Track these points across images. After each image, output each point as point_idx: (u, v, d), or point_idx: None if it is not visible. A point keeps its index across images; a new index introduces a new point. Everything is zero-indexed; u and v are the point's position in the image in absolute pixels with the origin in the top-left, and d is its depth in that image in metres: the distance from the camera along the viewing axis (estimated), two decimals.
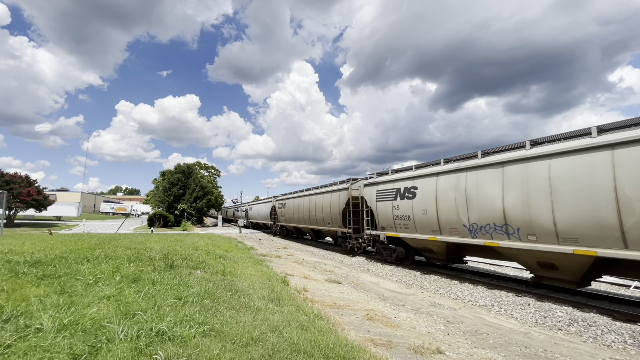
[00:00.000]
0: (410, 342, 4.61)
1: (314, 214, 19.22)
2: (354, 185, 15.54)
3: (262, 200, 35.84)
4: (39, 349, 2.95)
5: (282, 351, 3.40)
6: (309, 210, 19.92)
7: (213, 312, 4.44)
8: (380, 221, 12.77)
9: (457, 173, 9.42)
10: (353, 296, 7.64)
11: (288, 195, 24.78)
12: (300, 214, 21.54)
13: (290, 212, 23.53)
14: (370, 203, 13.45)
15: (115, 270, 6.58)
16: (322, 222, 18.40)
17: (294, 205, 22.78)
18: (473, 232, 8.82)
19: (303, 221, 21.21)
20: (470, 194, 8.82)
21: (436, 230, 10.00)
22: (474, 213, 8.71)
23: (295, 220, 22.85)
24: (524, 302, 7.48)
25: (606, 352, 5.00)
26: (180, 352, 3.10)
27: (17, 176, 30.12)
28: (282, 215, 25.65)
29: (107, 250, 9.39)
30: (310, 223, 20.11)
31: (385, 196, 12.55)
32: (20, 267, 6.36)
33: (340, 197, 16.34)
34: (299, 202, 21.82)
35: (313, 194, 19.81)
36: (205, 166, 55.21)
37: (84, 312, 3.96)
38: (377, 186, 13.13)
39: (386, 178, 12.76)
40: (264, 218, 32.11)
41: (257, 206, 36.81)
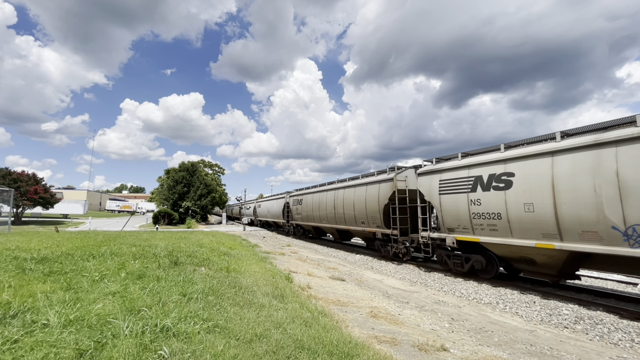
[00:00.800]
0: (415, 340, 4.59)
1: (341, 212, 16.39)
2: (399, 174, 12.59)
3: (273, 197, 32.60)
4: (45, 344, 2.98)
5: (286, 347, 3.40)
6: (334, 207, 17.14)
7: (217, 308, 4.46)
8: (446, 220, 9.92)
9: (596, 149, 6.54)
10: (357, 293, 7.63)
11: (305, 191, 22.31)
12: (321, 211, 18.79)
13: (308, 209, 20.80)
14: (429, 196, 10.59)
15: (121, 267, 6.63)
16: (352, 222, 15.50)
17: (313, 201, 20.04)
18: (634, 239, 5.97)
19: (326, 220, 18.39)
20: (629, 179, 6.00)
21: (552, 235, 7.18)
22: (637, 209, 5.90)
23: (314, 219, 20.05)
24: (529, 300, 7.42)
25: (613, 350, 4.94)
26: (185, 348, 3.11)
27: (25, 174, 30.49)
28: (297, 212, 22.96)
29: (112, 247, 9.46)
30: (335, 222, 17.27)
31: (454, 187, 9.58)
32: (27, 263, 6.44)
33: (380, 191, 13.18)
34: (320, 198, 19.07)
35: (340, 188, 16.92)
36: (209, 164, 55.38)
37: (89, 308, 3.99)
38: (441, 174, 10.13)
39: (455, 163, 9.74)
40: (275, 216, 29.64)
41: (267, 203, 33.81)
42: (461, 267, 10.00)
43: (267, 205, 33.30)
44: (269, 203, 32.67)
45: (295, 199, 23.47)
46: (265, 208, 34.03)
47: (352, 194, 15.47)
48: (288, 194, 26.00)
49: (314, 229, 21.54)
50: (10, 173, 29.49)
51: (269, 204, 32.57)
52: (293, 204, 23.95)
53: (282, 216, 26.87)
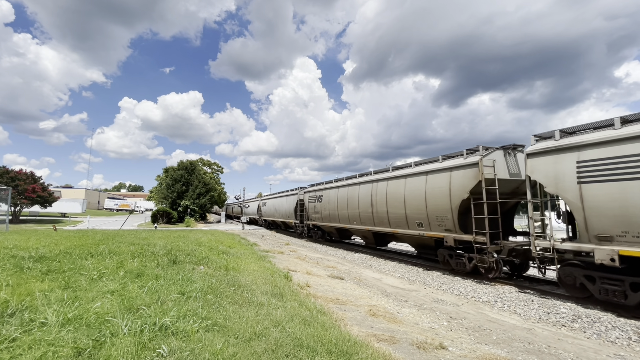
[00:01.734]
0: (413, 338, 4.60)
1: (382, 210, 12.90)
2: (487, 157, 9.11)
3: (281, 194, 28.69)
4: (43, 343, 2.97)
5: (285, 346, 3.40)
6: (371, 205, 13.71)
7: (216, 307, 4.46)
8: (595, 223, 6.56)
9: None
10: (356, 292, 7.64)
11: (326, 185, 19.10)
12: (351, 209, 15.54)
13: (331, 207, 17.67)
14: (556, 187, 7.29)
15: (119, 266, 6.62)
16: (400, 223, 11.90)
17: (339, 197, 16.83)
18: None
19: (357, 220, 14.98)
20: None
21: None
22: None
23: (339, 219, 16.83)
24: (527, 298, 7.45)
25: (610, 348, 4.97)
26: (184, 347, 3.11)
27: (22, 173, 30.36)
28: (315, 211, 19.88)
29: (111, 246, 9.44)
30: (372, 223, 13.80)
31: (613, 170, 6.30)
32: (25, 262, 6.41)
33: (454, 181, 9.68)
34: (349, 193, 15.88)
35: (381, 180, 13.32)
36: (208, 163, 55.34)
37: (88, 306, 3.98)
38: (581, 152, 6.87)
39: (610, 134, 6.49)
40: (285, 215, 26.31)
41: (274, 201, 29.94)
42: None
43: (274, 203, 29.77)
44: (276, 201, 29.09)
45: (313, 196, 20.23)
46: (271, 206, 30.58)
47: (402, 186, 11.81)
48: (301, 190, 22.89)
49: (338, 231, 18.02)
50: (7, 171, 29.35)
51: (276, 201, 29.06)
52: (309, 201, 20.66)
53: (293, 215, 23.78)
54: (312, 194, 20.57)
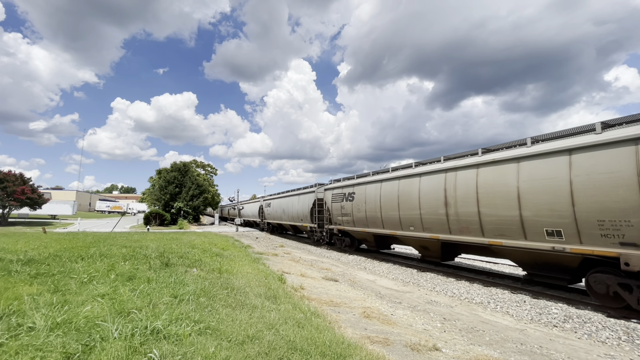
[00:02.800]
0: (407, 340, 4.61)
1: (469, 211, 9.04)
2: None
3: (291, 192, 24.07)
4: (31, 348, 2.91)
5: (278, 349, 3.38)
6: (446, 204, 9.76)
7: (209, 310, 4.41)
8: None
9: None
10: (350, 294, 7.64)
11: (361, 180, 14.73)
12: (405, 210, 11.50)
13: (370, 207, 13.54)
14: None
15: (110, 269, 6.53)
16: (509, 230, 8.13)
17: (385, 194, 12.62)
18: None
19: (416, 224, 11.07)
20: None
21: None
22: None
23: (384, 223, 12.67)
24: (519, 300, 7.52)
25: (601, 348, 5.04)
26: (176, 351, 3.07)
27: (11, 174, 29.79)
28: (343, 213, 15.67)
29: (102, 248, 9.31)
30: (446, 229, 9.92)
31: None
32: (13, 265, 6.29)
33: None
34: (402, 189, 11.73)
35: (465, 167, 9.40)
36: (201, 164, 54.90)
37: (77, 310, 3.91)
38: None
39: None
40: (296, 218, 21.88)
41: (280, 201, 25.55)
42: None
43: (281, 204, 25.38)
44: (284, 201, 24.72)
45: (339, 194, 16.36)
46: (277, 208, 26.25)
47: (513, 175, 8.03)
48: (320, 187, 19.16)
49: (377, 239, 13.98)
50: None
51: (284, 202, 24.71)
52: (334, 200, 16.77)
53: (308, 218, 19.68)
54: (338, 192, 16.40)
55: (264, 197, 33.08)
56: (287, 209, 23.99)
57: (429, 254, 11.53)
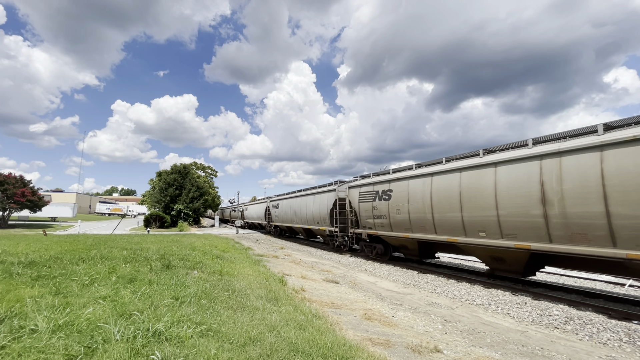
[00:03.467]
0: (408, 341, 4.61)
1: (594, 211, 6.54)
2: None
3: (305, 192, 21.66)
4: (33, 350, 2.91)
5: (280, 351, 3.38)
6: (543, 201, 7.35)
7: (210, 312, 4.42)
8: None
9: None
10: (351, 296, 7.63)
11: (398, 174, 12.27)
12: (470, 211, 9.05)
13: (414, 207, 11.09)
14: None
15: (112, 271, 6.53)
16: None
17: (438, 191, 10.16)
18: None
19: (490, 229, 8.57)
20: None
21: None
22: None
23: (437, 227, 10.22)
24: (520, 301, 7.51)
25: (602, 349, 5.03)
26: (178, 353, 3.08)
27: (11, 177, 29.83)
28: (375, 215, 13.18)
29: (102, 251, 9.31)
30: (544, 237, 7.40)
31: None
32: (14, 268, 6.29)
33: None
34: (465, 184, 9.27)
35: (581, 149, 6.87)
36: (201, 166, 55.00)
37: (79, 312, 3.92)
38: None
39: None
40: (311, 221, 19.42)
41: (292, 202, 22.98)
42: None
43: (293, 205, 22.64)
44: (296, 201, 21.96)
45: (369, 192, 13.58)
46: (288, 209, 23.52)
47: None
48: (342, 185, 16.49)
49: (422, 246, 11.61)
50: None
51: (296, 202, 21.95)
52: (362, 199, 14.05)
53: (327, 221, 17.16)
54: (368, 189, 13.75)
55: (270, 197, 30.05)
56: (299, 211, 21.49)
57: (505, 268, 8.84)
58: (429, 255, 12.19)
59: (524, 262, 8.20)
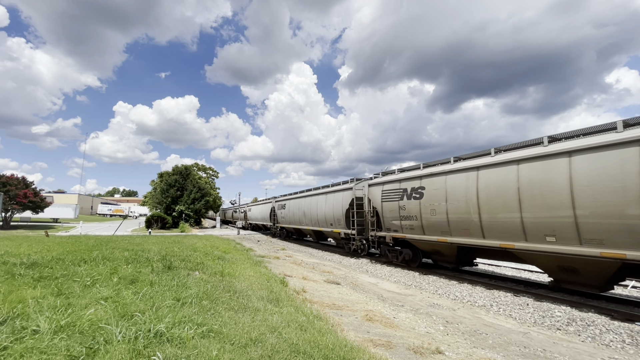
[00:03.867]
0: (410, 343, 4.60)
1: None
2: None
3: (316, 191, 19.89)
4: (35, 351, 2.92)
5: (281, 352, 3.38)
6: None
7: (212, 313, 4.42)
8: None
9: None
10: (352, 297, 7.62)
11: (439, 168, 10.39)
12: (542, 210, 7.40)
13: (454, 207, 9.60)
14: None
15: (113, 272, 6.54)
16: None
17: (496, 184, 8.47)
18: None
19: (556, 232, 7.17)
20: None
21: None
22: None
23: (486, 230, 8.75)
24: (522, 302, 7.49)
25: (605, 351, 5.01)
26: (179, 354, 3.08)
27: (14, 178, 29.94)
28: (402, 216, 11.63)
29: (104, 252, 9.33)
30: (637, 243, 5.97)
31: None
32: (16, 268, 6.31)
33: None
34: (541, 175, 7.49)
35: None
36: (203, 167, 55.16)
37: (81, 313, 3.92)
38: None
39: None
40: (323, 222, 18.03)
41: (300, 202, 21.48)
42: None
43: (302, 205, 21.06)
44: (306, 201, 20.33)
45: (394, 190, 12.05)
46: (296, 210, 22.03)
47: None
48: (359, 183, 15.09)
49: (463, 252, 10.00)
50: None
51: (306, 202, 20.35)
52: (386, 198, 12.39)
53: (343, 222, 15.69)
54: (393, 187, 12.20)
55: (276, 197, 28.14)
56: (309, 211, 19.92)
57: (578, 280, 7.36)
58: (467, 262, 10.76)
59: (610, 274, 6.64)
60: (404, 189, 11.70)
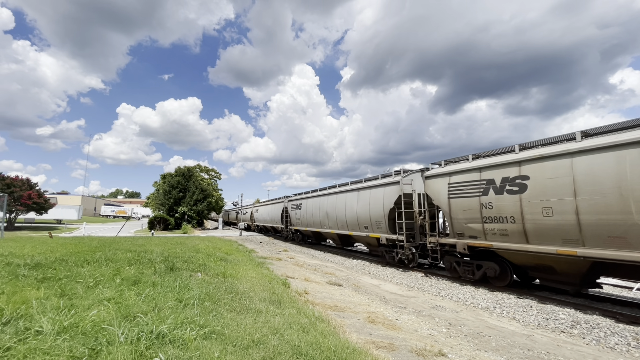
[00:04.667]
0: (412, 345, 4.58)
1: None
2: None
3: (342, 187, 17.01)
4: (38, 352, 2.93)
5: (283, 354, 3.37)
6: None
7: (214, 314, 4.42)
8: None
9: None
10: (354, 299, 7.60)
11: (581, 145, 6.88)
12: None
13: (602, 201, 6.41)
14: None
15: (116, 273, 6.56)
16: None
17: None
18: None
19: None
20: None
21: None
22: None
23: None
24: (526, 305, 7.43)
25: (610, 354, 4.96)
26: (181, 355, 3.08)
27: (18, 179, 30.20)
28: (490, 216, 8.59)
29: (107, 253, 9.36)
30: None
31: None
32: (20, 269, 6.34)
33: None
34: None
35: None
36: (205, 169, 55.31)
37: (84, 314, 3.94)
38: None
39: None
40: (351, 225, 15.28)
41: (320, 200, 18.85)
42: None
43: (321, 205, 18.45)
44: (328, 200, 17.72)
45: (469, 183, 9.19)
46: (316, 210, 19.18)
47: None
48: (407, 176, 12.29)
49: (597, 267, 7.14)
50: (3, 178, 29.19)
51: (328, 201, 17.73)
52: (455, 193, 9.57)
53: (384, 226, 12.78)
54: (467, 178, 9.28)
55: (288, 197, 25.24)
56: (334, 212, 16.88)
57: None
58: (590, 283, 7.90)
59: None
60: (488, 179, 8.71)
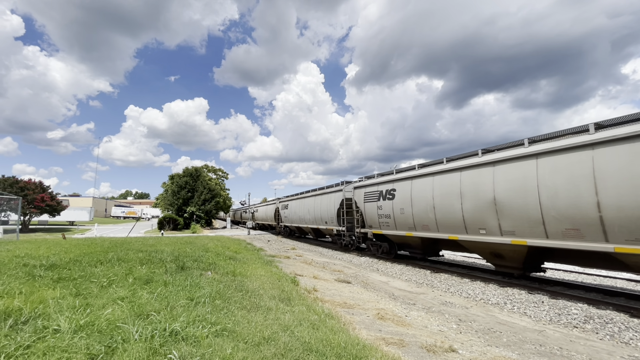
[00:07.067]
0: (422, 341, 4.58)
1: None
2: None
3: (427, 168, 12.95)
4: (57, 349, 3.01)
5: (294, 350, 3.41)
6: None
7: (225, 312, 4.48)
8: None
9: None
10: (363, 295, 7.62)
11: None
12: None
13: None
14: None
15: (128, 273, 6.68)
16: None
17: None
18: None
19: None
20: None
21: None
22: None
23: None
24: (537, 300, 7.35)
25: (624, 349, 4.88)
26: (194, 352, 3.14)
27: (31, 182, 30.88)
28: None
29: (119, 253, 9.53)
30: None
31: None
32: (36, 270, 6.50)
33: None
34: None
35: None
36: (212, 169, 55.75)
37: (99, 313, 4.03)
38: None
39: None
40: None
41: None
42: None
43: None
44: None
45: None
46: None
47: None
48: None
49: None
50: (17, 182, 29.88)
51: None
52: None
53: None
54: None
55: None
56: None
57: None
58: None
59: None
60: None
